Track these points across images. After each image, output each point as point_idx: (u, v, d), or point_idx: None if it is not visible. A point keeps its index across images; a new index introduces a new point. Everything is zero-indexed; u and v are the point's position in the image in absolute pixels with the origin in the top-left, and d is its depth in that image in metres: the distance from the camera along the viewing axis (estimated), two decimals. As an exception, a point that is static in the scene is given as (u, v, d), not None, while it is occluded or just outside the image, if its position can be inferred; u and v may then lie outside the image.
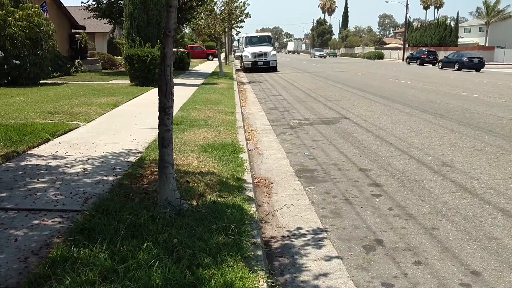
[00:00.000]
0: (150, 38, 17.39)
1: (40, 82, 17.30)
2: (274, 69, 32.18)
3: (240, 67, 36.59)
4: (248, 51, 32.25)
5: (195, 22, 23.91)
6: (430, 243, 4.09)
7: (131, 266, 2.92)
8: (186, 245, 3.33)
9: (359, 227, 4.50)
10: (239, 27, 24.85)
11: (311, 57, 77.77)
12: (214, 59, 48.62)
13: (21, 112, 9.50)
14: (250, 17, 22.65)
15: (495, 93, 16.64)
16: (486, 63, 37.66)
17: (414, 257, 3.84)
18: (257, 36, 35.54)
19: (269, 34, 37.05)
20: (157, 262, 2.97)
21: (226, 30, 23.39)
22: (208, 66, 38.74)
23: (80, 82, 18.34)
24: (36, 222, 3.91)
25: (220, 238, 3.55)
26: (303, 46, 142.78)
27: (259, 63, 31.55)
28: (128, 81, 17.80)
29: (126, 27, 17.98)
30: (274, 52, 32.86)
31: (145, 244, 3.20)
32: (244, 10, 22.49)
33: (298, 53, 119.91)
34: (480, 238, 4.17)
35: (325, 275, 3.56)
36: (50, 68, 18.55)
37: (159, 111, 4.14)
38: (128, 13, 17.68)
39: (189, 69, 30.79)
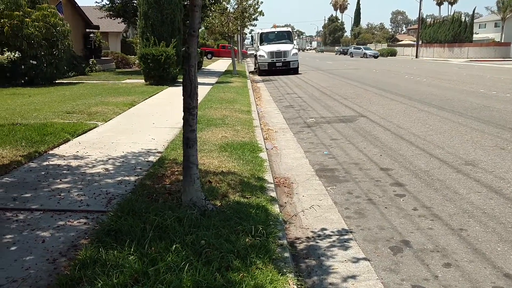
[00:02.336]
0: (165, 37, 17.43)
1: (56, 81, 17.47)
2: (295, 70, 26.92)
3: (254, 68, 30.77)
4: (264, 50, 26.57)
5: (209, 21, 23.94)
6: (459, 245, 4.01)
7: (161, 268, 2.90)
8: (214, 246, 3.31)
9: (385, 228, 4.43)
10: (253, 25, 24.71)
11: (351, 56, 64.27)
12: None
13: (40, 112, 9.58)
14: (263, 15, 22.58)
15: (513, 90, 16.37)
16: (501, 59, 37.00)
17: (443, 259, 3.77)
18: (274, 31, 29.37)
19: (289, 29, 30.58)
20: (187, 264, 2.95)
21: (239, 28, 23.35)
22: (220, 64, 38.76)
23: (95, 81, 18.46)
24: (61, 223, 3.92)
25: (247, 240, 3.52)
26: (314, 44, 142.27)
27: (277, 64, 26.24)
28: (142, 80, 17.88)
29: (141, 26, 18.05)
30: (295, 50, 27.06)
31: (174, 246, 3.18)
32: (257, 8, 22.42)
33: (303, 50, 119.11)
34: (511, 239, 4.07)
35: (353, 277, 3.50)
36: (65, 67, 18.73)
37: (183, 111, 4.12)
38: (142, 12, 17.74)
39: (202, 67, 30.84)
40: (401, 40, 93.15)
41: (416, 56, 60.29)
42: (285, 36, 28.43)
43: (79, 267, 2.96)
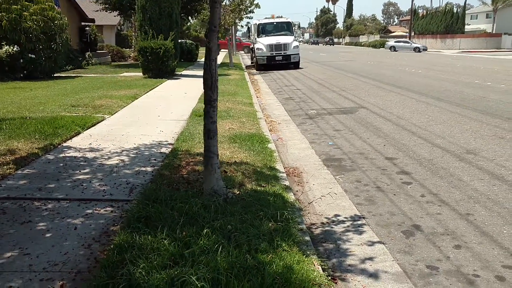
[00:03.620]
0: (163, 30, 17.47)
1: (55, 75, 17.48)
2: (296, 65, 25.00)
3: (252, 62, 28.54)
4: (262, 43, 24.62)
5: (205, 14, 23.96)
6: (467, 228, 4.24)
7: (196, 251, 3.09)
8: (240, 231, 3.50)
9: (395, 214, 4.65)
10: (249, 18, 24.68)
11: (392, 50, 53.59)
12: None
13: (45, 106, 9.67)
14: (259, 7, 22.65)
15: (509, 81, 16.65)
16: (493, 50, 37.41)
17: (453, 241, 3.99)
18: (273, 22, 26.96)
19: (289, 19, 27.37)
20: (220, 247, 3.13)
21: (236, 21, 23.42)
22: (215, 57, 38.72)
23: (93, 75, 18.49)
24: (89, 211, 4.08)
25: (270, 225, 3.71)
26: (307, 35, 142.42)
27: (276, 58, 24.33)
28: (140, 73, 17.94)
29: (139, 19, 18.07)
30: (296, 43, 25.01)
31: (205, 230, 3.37)
32: (253, 0, 22.46)
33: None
34: (515, 222, 4.31)
35: (370, 259, 3.71)
36: (63, 61, 18.73)
37: (204, 104, 4.29)
38: (140, 5, 17.76)
39: (198, 60, 30.88)
40: (393, 32, 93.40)
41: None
42: (285, 27, 26.32)
43: (117, 251, 3.13)
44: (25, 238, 3.52)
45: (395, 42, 56.64)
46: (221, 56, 38.43)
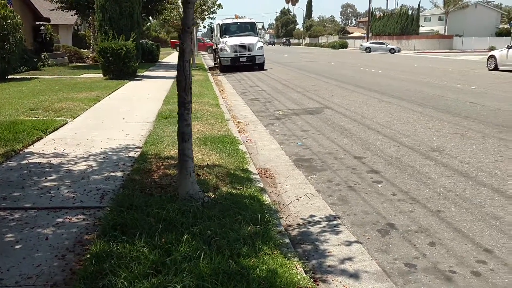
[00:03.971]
0: (124, 31, 17.11)
1: (8, 77, 16.71)
2: (260, 66, 24.58)
3: (215, 64, 28.07)
4: (226, 43, 24.03)
5: (167, 14, 23.63)
6: (439, 225, 4.35)
7: (177, 258, 3.01)
8: (220, 235, 3.44)
9: (369, 213, 4.72)
10: (211, 18, 24.52)
11: (367, 51, 51.44)
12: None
13: (1, 109, 9.23)
14: (222, 8, 22.56)
15: (463, 81, 17.33)
16: (445, 50, 39.17)
17: (427, 238, 4.09)
18: (236, 23, 26.23)
19: (252, 20, 26.88)
20: (202, 253, 3.07)
21: (198, 21, 23.21)
22: (175, 58, 38.29)
23: (50, 76, 17.82)
24: (60, 220, 3.91)
25: (249, 228, 3.68)
26: (267, 36, 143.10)
27: (241, 59, 23.88)
28: (100, 75, 17.45)
29: (98, 19, 17.61)
30: (260, 44, 24.80)
31: (184, 236, 3.29)
32: (216, 0, 22.33)
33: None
34: (484, 218, 4.46)
35: (349, 259, 3.74)
36: (17, 62, 17.95)
37: (178, 106, 4.20)
38: (99, 5, 17.31)
39: (159, 61, 30.41)
40: (352, 33, 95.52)
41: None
42: (249, 28, 25.81)
43: (94, 260, 3.00)
44: (-8, 250, 3.33)
45: (370, 43, 56.08)
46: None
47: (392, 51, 51.15)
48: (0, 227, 3.72)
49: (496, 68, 22.01)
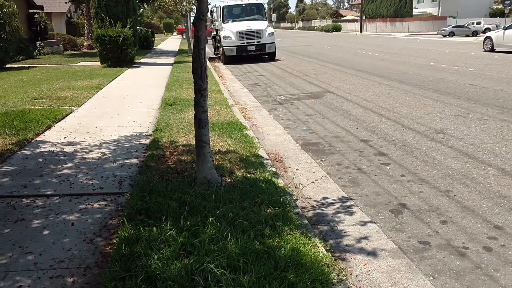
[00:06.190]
0: (120, 18, 17.01)
1: (6, 66, 16.66)
2: (271, 56, 21.00)
3: (215, 53, 24.51)
4: (230, 29, 20.22)
5: (161, 0, 23.45)
6: (449, 204, 4.49)
7: (205, 239, 3.12)
8: (243, 218, 3.55)
9: (381, 194, 4.85)
10: (208, 4, 24.23)
11: (450, 36, 43.00)
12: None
13: (6, 99, 9.25)
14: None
15: (460, 63, 17.43)
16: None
17: (439, 217, 4.23)
18: (241, 5, 21.79)
19: (260, 1, 22.51)
20: (229, 234, 3.18)
21: (194, 7, 23.00)
22: (170, 44, 38.12)
23: (48, 65, 17.75)
24: (82, 206, 4.01)
25: (268, 210, 3.79)
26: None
27: (248, 48, 20.14)
28: (97, 62, 17.43)
29: (94, 6, 17.46)
30: (271, 29, 20.83)
31: (210, 219, 3.40)
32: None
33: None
34: (492, 196, 4.60)
35: (365, 238, 3.88)
36: (14, 51, 17.84)
37: (194, 93, 4.28)
38: (95, -8, 17.13)
39: (154, 48, 30.25)
40: (345, 16, 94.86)
41: (361, 31, 61.86)
42: (255, 11, 21.79)
43: (125, 243, 3.11)
44: (23, 236, 3.43)
45: (452, 27, 47.51)
46: (177, 43, 37.88)
47: (475, 33, 46.77)
48: (25, 214, 3.82)
49: (492, 50, 22.10)
